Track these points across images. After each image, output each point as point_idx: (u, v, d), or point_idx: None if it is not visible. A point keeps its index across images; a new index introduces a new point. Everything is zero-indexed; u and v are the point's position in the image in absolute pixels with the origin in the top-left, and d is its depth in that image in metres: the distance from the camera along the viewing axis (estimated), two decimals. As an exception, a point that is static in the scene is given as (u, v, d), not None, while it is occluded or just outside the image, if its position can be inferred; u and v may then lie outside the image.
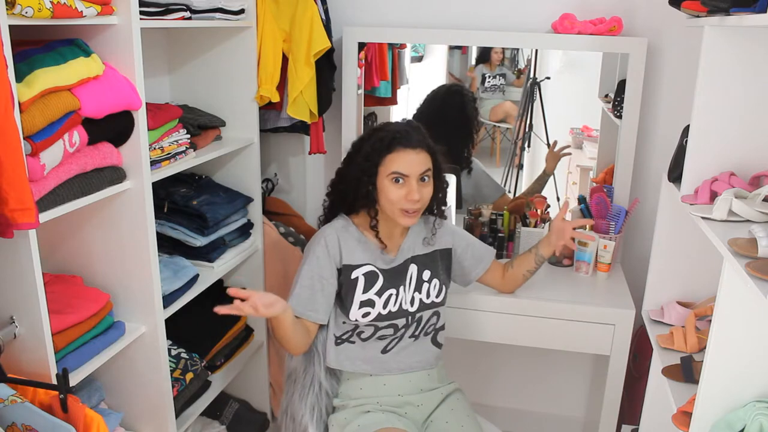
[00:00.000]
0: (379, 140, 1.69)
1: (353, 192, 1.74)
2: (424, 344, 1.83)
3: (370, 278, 1.74)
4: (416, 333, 1.80)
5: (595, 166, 2.45)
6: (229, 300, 1.53)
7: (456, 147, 2.50)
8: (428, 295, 1.79)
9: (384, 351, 1.78)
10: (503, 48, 2.50)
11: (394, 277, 1.76)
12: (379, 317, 1.74)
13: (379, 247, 1.77)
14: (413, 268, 1.79)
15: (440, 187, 1.80)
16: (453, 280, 1.93)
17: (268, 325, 2.38)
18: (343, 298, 1.75)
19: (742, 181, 1.57)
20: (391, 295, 1.74)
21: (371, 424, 1.70)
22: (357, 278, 1.73)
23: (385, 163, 1.68)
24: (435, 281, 1.81)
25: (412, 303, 1.77)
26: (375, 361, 1.78)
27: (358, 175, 1.71)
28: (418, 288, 1.79)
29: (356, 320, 1.73)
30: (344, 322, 1.77)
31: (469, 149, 2.54)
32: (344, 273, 1.74)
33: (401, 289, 1.76)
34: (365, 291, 1.73)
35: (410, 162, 1.67)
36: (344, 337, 1.78)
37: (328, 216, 1.85)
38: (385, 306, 1.74)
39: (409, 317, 1.77)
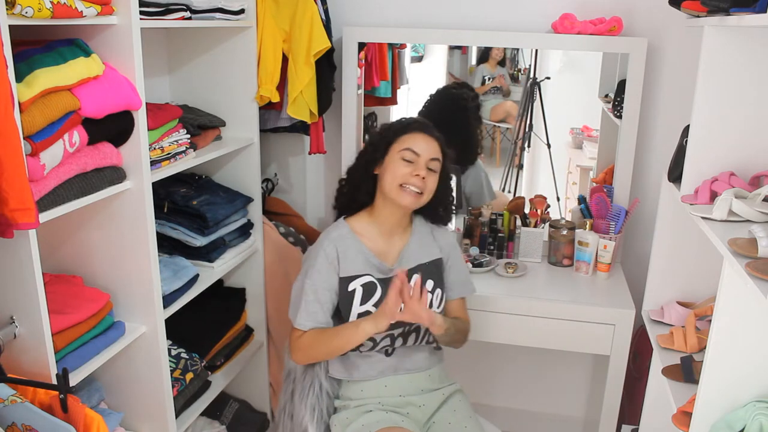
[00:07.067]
0: (398, 122, 1.77)
1: (358, 181, 1.77)
2: (426, 347, 1.81)
3: (368, 289, 1.72)
4: (416, 342, 1.78)
5: (595, 166, 2.45)
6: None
7: (465, 146, 2.50)
8: (431, 307, 1.75)
9: (387, 354, 1.77)
10: (503, 48, 2.49)
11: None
12: None
13: (376, 255, 1.75)
14: (416, 279, 1.74)
15: (446, 191, 1.81)
16: None
17: (267, 327, 2.38)
18: (340, 310, 1.73)
19: (742, 181, 1.57)
20: None
21: (374, 422, 1.69)
22: (354, 290, 1.71)
23: (400, 140, 1.72)
24: (438, 291, 1.78)
25: None
26: (379, 363, 1.76)
27: (369, 156, 1.75)
28: None
29: None
30: None
31: (476, 147, 2.54)
32: (342, 285, 1.72)
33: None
34: (363, 303, 1.71)
35: (425, 143, 1.72)
36: None
37: (339, 208, 1.86)
38: None
39: (407, 327, 1.74)
